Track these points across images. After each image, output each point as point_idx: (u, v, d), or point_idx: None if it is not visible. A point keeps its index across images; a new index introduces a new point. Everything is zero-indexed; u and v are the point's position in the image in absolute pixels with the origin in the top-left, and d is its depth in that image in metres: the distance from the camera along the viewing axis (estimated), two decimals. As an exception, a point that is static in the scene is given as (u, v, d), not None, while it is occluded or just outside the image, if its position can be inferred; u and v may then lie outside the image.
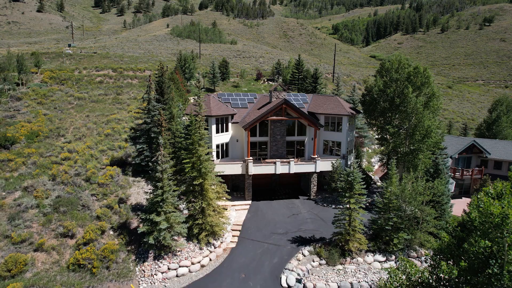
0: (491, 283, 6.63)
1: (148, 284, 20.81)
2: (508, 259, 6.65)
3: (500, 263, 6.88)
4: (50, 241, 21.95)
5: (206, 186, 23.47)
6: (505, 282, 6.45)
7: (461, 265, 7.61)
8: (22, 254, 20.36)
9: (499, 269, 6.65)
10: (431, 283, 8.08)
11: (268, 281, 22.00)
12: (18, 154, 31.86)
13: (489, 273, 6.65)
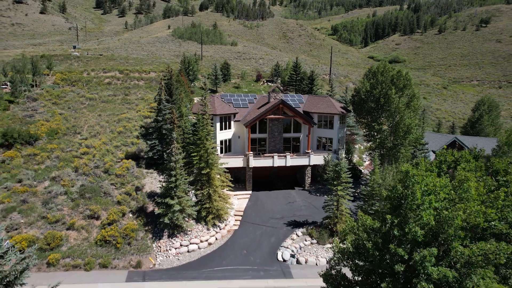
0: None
1: (163, 257, 24.64)
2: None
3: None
4: (79, 222, 25.80)
5: (213, 175, 27.33)
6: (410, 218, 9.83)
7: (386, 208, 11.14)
8: (57, 232, 24.22)
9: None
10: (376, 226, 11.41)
11: (266, 256, 25.84)
12: (41, 149, 35.73)
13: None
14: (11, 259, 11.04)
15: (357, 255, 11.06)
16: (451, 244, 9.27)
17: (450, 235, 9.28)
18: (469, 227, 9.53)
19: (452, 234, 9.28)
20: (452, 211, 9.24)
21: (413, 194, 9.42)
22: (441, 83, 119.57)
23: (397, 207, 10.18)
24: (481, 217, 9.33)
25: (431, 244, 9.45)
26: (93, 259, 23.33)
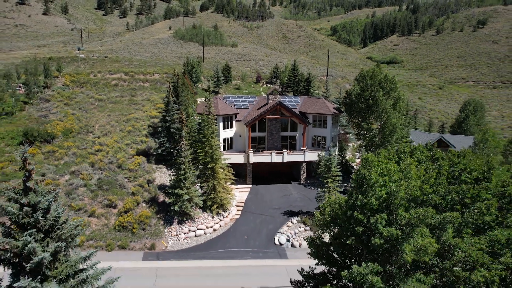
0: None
1: (174, 241, 28.20)
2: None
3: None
4: (99, 210, 29.35)
5: (217, 169, 30.87)
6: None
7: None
8: (81, 217, 27.75)
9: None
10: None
11: (264, 241, 29.40)
12: (59, 146, 39.28)
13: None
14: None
15: (332, 223, 14.51)
16: (397, 211, 12.72)
17: (396, 204, 12.73)
18: (410, 198, 12.99)
19: (397, 203, 12.72)
20: (397, 186, 12.69)
21: (370, 175, 12.88)
22: (437, 83, 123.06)
23: (360, 185, 13.63)
24: (418, 191, 12.81)
25: (383, 211, 12.90)
26: (113, 241, 26.88)
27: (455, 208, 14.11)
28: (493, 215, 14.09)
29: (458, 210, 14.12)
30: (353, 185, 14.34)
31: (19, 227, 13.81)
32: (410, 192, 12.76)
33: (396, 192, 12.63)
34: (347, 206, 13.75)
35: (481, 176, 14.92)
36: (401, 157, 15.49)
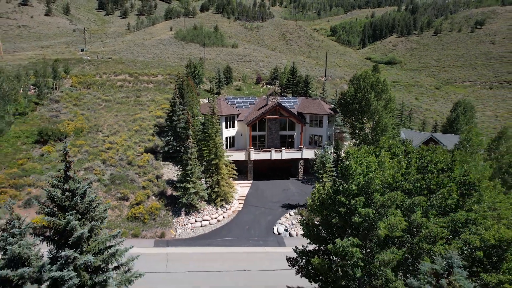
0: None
1: (182, 230, 31.11)
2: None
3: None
4: (113, 202, 32.25)
5: (221, 165, 33.78)
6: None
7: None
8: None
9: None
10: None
11: (264, 230, 32.31)
12: (72, 145, 42.15)
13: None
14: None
15: (321, 207, 17.34)
16: (373, 194, 15.55)
17: (373, 189, 15.56)
18: (385, 185, 15.84)
19: (374, 188, 15.55)
20: (374, 175, 15.51)
21: (350, 165, 15.73)
22: (434, 84, 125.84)
23: (343, 174, 16.48)
24: (391, 179, 15.66)
25: (361, 195, 15.74)
26: (126, 230, 29.77)
27: (422, 193, 17.02)
28: (455, 199, 17.01)
29: (425, 195, 17.04)
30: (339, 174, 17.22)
31: (60, 209, 16.73)
32: (384, 180, 15.67)
33: (372, 180, 15.52)
34: (332, 191, 16.65)
35: (446, 167, 17.81)
36: (380, 151, 18.38)
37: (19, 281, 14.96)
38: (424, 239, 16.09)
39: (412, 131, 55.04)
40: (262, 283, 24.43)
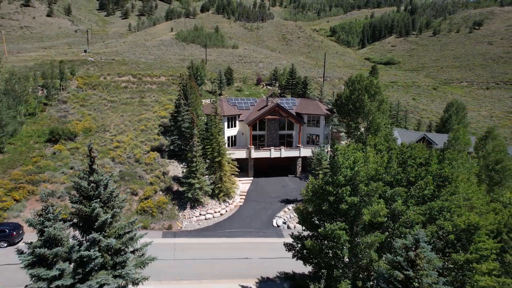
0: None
1: (187, 222, 33.65)
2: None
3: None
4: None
5: (223, 162, 36.31)
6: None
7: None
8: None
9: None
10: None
11: (264, 223, 34.85)
12: (81, 143, 44.70)
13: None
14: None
15: (313, 197, 19.82)
16: (359, 185, 18.04)
17: (358, 180, 18.05)
18: (369, 176, 18.35)
19: (359, 180, 18.04)
20: (359, 168, 18.00)
21: (338, 159, 18.22)
22: (432, 84, 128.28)
23: (332, 167, 18.98)
24: (373, 171, 18.16)
25: (347, 185, 18.23)
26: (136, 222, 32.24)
27: (402, 184, 19.56)
28: (431, 190, 19.55)
29: (405, 186, 19.58)
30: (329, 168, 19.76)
31: (85, 198, 19.28)
32: (368, 172, 18.21)
33: (358, 172, 18.06)
34: (323, 183, 19.18)
35: (424, 162, 20.34)
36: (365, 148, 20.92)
37: (54, 259, 17.49)
38: (403, 224, 18.64)
39: (406, 130, 57.58)
40: (262, 269, 26.94)
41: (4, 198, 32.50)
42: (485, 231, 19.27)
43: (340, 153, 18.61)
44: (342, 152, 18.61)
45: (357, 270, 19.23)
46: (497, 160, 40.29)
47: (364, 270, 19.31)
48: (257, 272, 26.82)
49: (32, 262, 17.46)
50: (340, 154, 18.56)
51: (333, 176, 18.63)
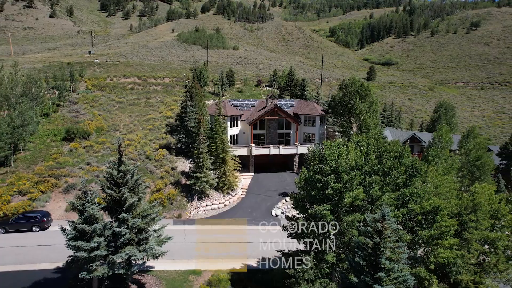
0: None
1: (195, 212, 37.76)
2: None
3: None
4: (137, 189, 38.82)
5: (227, 158, 40.44)
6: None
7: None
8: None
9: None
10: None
11: (264, 213, 38.96)
12: (95, 142, 48.82)
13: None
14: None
15: (305, 184, 23.88)
16: (341, 173, 22.11)
17: (341, 170, 22.13)
18: (350, 167, 22.43)
19: (342, 169, 22.11)
20: (342, 159, 22.07)
21: (324, 153, 22.29)
22: (428, 85, 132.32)
23: (320, 159, 23.05)
24: (353, 163, 22.25)
25: (332, 174, 22.30)
26: (150, 212, 36.33)
27: (378, 174, 23.69)
28: (403, 179, 23.66)
29: (381, 175, 23.71)
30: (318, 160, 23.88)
31: (115, 185, 23.38)
32: (349, 163, 22.34)
33: (341, 163, 22.19)
34: (313, 172, 23.31)
35: (397, 155, 24.46)
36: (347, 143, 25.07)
37: (92, 234, 21.64)
38: (379, 206, 22.74)
39: (397, 130, 61.69)
40: (262, 251, 31.04)
41: (32, 190, 36.68)
42: (447, 213, 23.40)
43: (326, 147, 22.74)
44: (328, 147, 22.73)
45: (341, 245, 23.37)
46: (477, 157, 44.28)
47: (347, 245, 23.43)
48: (257, 253, 30.94)
49: (74, 236, 21.63)
50: (327, 148, 22.68)
51: (321, 166, 22.75)
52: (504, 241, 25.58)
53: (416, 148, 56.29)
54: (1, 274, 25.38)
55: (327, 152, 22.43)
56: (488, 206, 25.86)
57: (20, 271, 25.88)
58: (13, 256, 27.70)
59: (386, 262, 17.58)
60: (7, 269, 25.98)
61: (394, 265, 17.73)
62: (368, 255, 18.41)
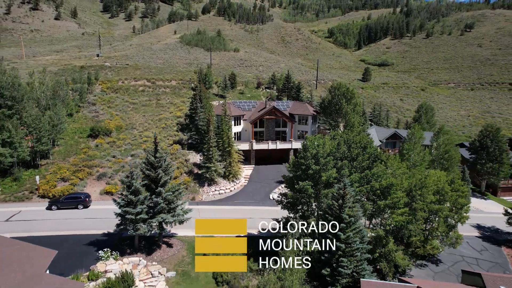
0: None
1: (206, 196, 46.40)
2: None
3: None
4: (157, 177, 47.41)
5: (232, 151, 49.06)
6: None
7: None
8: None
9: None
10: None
11: (264, 197, 47.61)
12: (116, 138, 57.41)
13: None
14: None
15: (293, 167, 32.41)
16: (319, 159, 30.61)
17: (319, 156, 30.64)
18: (326, 153, 30.97)
19: (320, 156, 30.63)
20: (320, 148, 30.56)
21: (307, 144, 30.78)
22: (421, 85, 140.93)
23: (304, 149, 31.57)
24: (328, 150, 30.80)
25: (313, 159, 30.80)
26: (169, 195, 44.91)
27: (347, 159, 32.33)
28: (366, 163, 32.28)
29: (350, 160, 32.34)
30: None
31: (152, 167, 32.00)
32: (325, 151, 30.99)
33: (319, 151, 30.82)
34: (299, 158, 31.93)
35: (363, 145, 33.04)
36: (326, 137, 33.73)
37: (136, 202, 30.25)
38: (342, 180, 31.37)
39: (382, 128, 70.34)
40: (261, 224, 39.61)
41: (72, 177, 45.34)
42: (400, 188, 32.01)
43: (309, 140, 31.36)
44: (310, 140, 31.35)
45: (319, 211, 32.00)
46: (445, 151, 52.89)
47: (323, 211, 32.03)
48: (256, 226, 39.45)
49: (124, 204, 30.24)
50: (309, 140, 31.30)
51: (305, 153, 31.39)
52: (446, 211, 34.20)
53: (398, 144, 64.88)
54: (63, 236, 33.97)
55: (308, 143, 31.09)
56: (435, 185, 34.49)
57: (76, 234, 34.50)
58: (67, 225, 36.33)
59: (346, 217, 26.19)
60: (66, 233, 34.60)
61: (351, 218, 26.33)
62: (335, 212, 27.02)
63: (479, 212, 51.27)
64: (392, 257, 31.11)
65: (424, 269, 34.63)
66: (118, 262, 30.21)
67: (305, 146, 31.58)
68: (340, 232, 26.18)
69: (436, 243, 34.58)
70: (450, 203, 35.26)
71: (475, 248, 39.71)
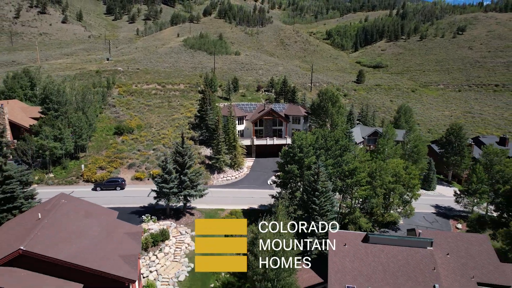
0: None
1: (216, 181, 58.86)
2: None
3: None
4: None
5: (237, 145, 61.50)
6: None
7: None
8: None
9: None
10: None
11: (262, 182, 60.06)
12: (139, 135, 69.79)
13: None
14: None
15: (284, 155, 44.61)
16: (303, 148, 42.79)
17: (303, 146, 42.84)
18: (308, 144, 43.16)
19: (303, 146, 42.81)
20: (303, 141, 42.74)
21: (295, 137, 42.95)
22: (412, 86, 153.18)
23: (292, 141, 43.71)
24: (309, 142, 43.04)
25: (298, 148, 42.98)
26: (186, 180, 57.29)
27: (324, 149, 44.75)
28: (339, 152, 44.68)
29: (326, 150, 44.77)
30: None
31: (180, 155, 44.42)
32: (307, 143, 43.40)
33: (302, 143, 43.22)
34: (288, 148, 44.31)
35: (336, 139, 45.36)
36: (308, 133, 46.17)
37: (169, 180, 42.67)
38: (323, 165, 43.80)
39: (367, 126, 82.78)
40: (261, 201, 52.03)
41: (108, 166, 57.75)
42: (362, 171, 44.31)
43: (296, 135, 43.73)
44: (297, 135, 43.73)
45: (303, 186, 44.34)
46: (415, 146, 65.13)
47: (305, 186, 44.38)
48: (258, 203, 51.95)
49: (160, 181, 42.65)
50: (296, 135, 43.68)
51: (292, 144, 43.76)
52: (400, 189, 46.54)
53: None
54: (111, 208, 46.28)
55: (295, 137, 43.50)
56: (393, 170, 46.83)
57: (120, 207, 46.78)
58: (112, 201, 48.65)
59: (319, 187, 38.53)
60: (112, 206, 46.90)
61: (323, 189, 38.66)
62: (312, 185, 39.34)
63: (441, 196, 63.61)
64: (358, 221, 43.47)
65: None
66: (156, 224, 42.69)
67: (293, 139, 43.97)
68: (315, 198, 38.50)
69: (395, 214, 46.97)
70: (405, 183, 47.61)
71: (428, 220, 52.08)
